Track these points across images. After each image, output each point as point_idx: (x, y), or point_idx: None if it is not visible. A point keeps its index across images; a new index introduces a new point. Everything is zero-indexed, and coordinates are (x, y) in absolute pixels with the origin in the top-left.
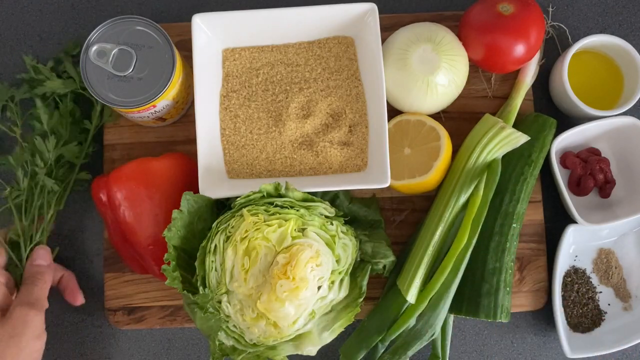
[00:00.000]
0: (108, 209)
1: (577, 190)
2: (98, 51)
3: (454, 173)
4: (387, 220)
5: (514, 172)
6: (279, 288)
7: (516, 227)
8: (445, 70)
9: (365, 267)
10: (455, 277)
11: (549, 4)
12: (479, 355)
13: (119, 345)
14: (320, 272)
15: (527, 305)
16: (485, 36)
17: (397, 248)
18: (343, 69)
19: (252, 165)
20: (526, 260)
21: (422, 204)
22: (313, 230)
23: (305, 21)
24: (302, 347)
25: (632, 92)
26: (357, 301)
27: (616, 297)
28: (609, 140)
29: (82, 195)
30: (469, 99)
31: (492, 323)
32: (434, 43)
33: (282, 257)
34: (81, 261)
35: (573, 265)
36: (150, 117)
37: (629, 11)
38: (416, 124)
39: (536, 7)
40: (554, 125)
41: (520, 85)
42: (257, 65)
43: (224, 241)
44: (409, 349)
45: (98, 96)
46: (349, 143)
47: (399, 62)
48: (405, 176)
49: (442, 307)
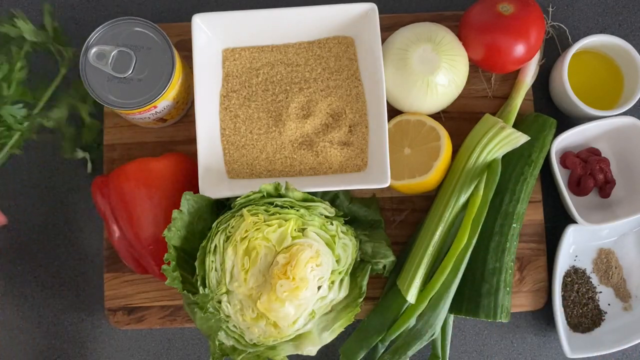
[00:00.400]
0: (108, 209)
1: (577, 190)
2: (97, 53)
3: (454, 173)
4: (387, 220)
5: (514, 172)
6: (279, 288)
7: (516, 227)
8: (445, 70)
9: (365, 267)
10: (455, 277)
11: (549, 4)
12: (479, 355)
13: (119, 345)
14: (320, 272)
15: (527, 305)
16: (485, 36)
17: (397, 248)
18: (343, 69)
19: (252, 165)
20: (526, 260)
21: (422, 204)
22: (313, 230)
23: (305, 21)
24: (302, 347)
25: (632, 92)
26: (357, 301)
27: (616, 297)
28: (609, 140)
29: (82, 195)
30: (469, 99)
31: (492, 323)
32: (434, 43)
33: (282, 257)
34: (81, 261)
35: (573, 265)
36: (151, 118)
37: (629, 11)
38: (416, 124)
39: (536, 7)
40: (554, 125)
41: (520, 85)
42: (257, 65)
43: (224, 241)
44: (409, 349)
45: (98, 98)
46: (349, 143)
47: (399, 62)
48: (405, 176)
49: (442, 307)
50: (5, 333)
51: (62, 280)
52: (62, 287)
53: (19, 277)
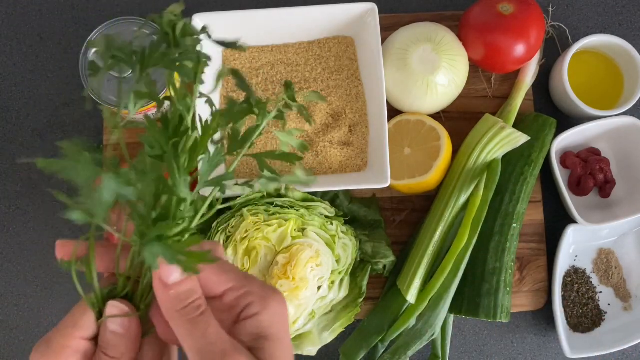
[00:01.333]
0: None
1: (577, 190)
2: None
3: (454, 173)
4: (387, 220)
5: (514, 172)
6: (279, 288)
7: (516, 227)
8: (445, 70)
9: (365, 267)
10: (455, 277)
11: (549, 3)
12: (479, 355)
13: None
14: (320, 272)
15: (527, 305)
16: (485, 36)
17: (397, 248)
18: (343, 69)
19: (252, 165)
20: (526, 260)
21: (422, 204)
22: (313, 230)
23: (305, 21)
24: (302, 347)
25: (632, 92)
26: (357, 301)
27: (616, 297)
28: (609, 140)
29: None
30: (469, 99)
31: (492, 323)
32: (434, 43)
33: (282, 257)
34: None
35: (573, 265)
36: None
37: (629, 11)
38: (416, 124)
39: (536, 7)
40: (554, 125)
41: (520, 85)
42: (257, 65)
43: (224, 241)
44: (409, 349)
45: (98, 98)
46: (349, 143)
47: (399, 62)
48: (405, 176)
49: (442, 307)
50: (5, 333)
51: (62, 280)
52: (62, 287)
53: (19, 277)
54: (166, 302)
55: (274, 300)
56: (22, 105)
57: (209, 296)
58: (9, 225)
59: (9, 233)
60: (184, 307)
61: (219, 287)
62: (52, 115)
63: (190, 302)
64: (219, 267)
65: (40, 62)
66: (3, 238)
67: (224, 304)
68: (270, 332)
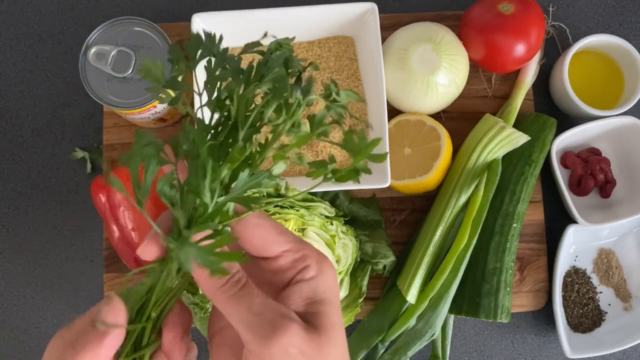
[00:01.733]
0: (107, 210)
1: (578, 190)
2: (97, 53)
3: (454, 173)
4: (387, 220)
5: (514, 172)
6: None
7: (516, 227)
8: (445, 70)
9: (365, 267)
10: (456, 277)
11: (550, 3)
12: (479, 355)
13: None
14: None
15: (528, 305)
16: (485, 36)
17: (397, 248)
18: (343, 68)
19: None
20: (526, 260)
21: (422, 204)
22: (313, 230)
23: (305, 21)
24: None
25: (633, 92)
26: (357, 301)
27: (616, 297)
28: (610, 140)
29: (82, 195)
30: (469, 99)
31: (493, 323)
32: (434, 43)
33: None
34: (81, 261)
35: (573, 266)
36: (151, 118)
37: (629, 11)
38: (416, 124)
39: (536, 7)
40: (554, 125)
41: (520, 85)
42: None
43: None
44: (409, 349)
45: (98, 98)
46: None
47: (399, 62)
48: (405, 176)
49: (442, 307)
50: (5, 333)
51: (62, 280)
52: (62, 287)
53: (19, 277)
54: (206, 283)
55: (329, 266)
56: (22, 105)
57: (264, 256)
58: (9, 225)
59: (9, 233)
60: (223, 285)
61: (277, 247)
62: (52, 115)
63: (228, 277)
64: (277, 227)
65: (39, 62)
66: (3, 238)
67: (279, 266)
68: (326, 297)
